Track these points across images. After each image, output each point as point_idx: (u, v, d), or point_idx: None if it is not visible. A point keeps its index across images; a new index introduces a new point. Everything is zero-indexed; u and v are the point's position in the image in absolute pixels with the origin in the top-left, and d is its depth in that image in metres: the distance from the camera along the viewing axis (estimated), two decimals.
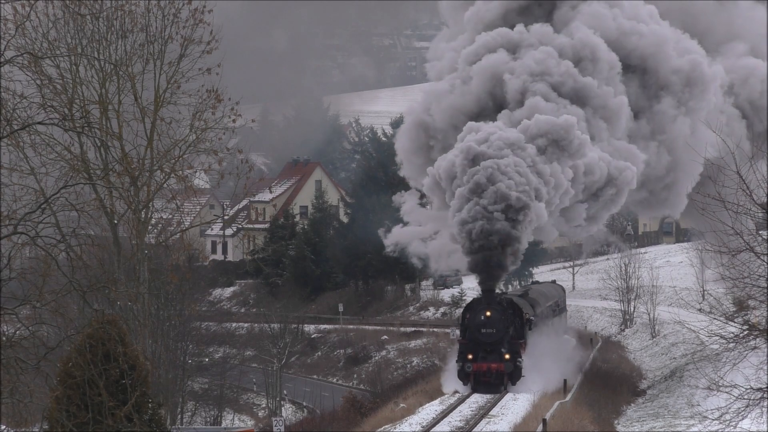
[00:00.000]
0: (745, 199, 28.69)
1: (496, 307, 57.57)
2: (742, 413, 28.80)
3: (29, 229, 23.95)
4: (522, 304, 61.11)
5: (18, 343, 24.09)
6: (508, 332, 57.48)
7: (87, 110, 36.37)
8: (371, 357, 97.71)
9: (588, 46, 65.87)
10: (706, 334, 30.94)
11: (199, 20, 38.96)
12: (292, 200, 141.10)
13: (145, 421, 25.81)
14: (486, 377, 56.76)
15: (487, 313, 57.25)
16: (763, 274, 29.09)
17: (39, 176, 35.09)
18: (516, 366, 57.05)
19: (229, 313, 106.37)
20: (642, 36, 68.06)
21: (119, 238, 38.94)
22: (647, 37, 68.08)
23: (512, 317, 58.20)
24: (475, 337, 57.26)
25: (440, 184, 61.37)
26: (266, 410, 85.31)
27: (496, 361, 56.75)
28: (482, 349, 57.05)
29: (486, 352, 56.99)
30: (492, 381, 56.61)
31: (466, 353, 57.15)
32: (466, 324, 57.95)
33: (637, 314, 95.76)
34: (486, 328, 57.13)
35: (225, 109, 38.63)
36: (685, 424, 53.47)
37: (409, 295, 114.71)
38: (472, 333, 57.45)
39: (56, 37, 38.57)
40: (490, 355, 56.92)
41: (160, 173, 39.01)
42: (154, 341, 44.71)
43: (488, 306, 57.56)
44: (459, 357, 57.61)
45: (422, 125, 67.77)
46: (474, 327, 57.38)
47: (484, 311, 57.42)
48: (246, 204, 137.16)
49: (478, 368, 56.79)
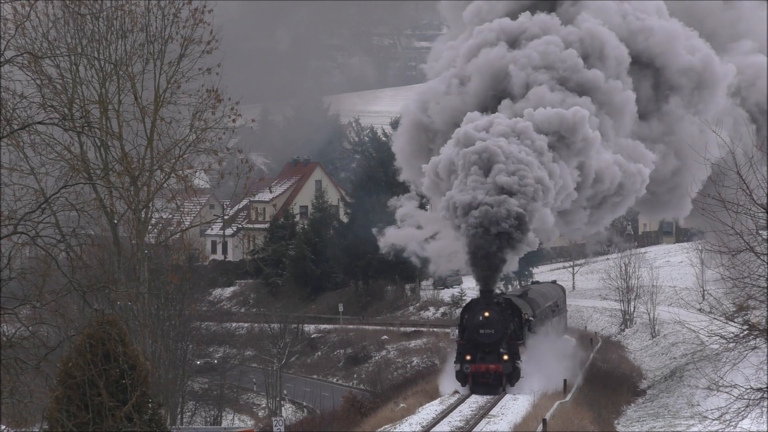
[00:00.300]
0: (745, 199, 28.68)
1: (494, 308, 56.80)
2: (742, 413, 28.81)
3: (29, 229, 23.94)
4: (521, 304, 60.50)
5: (18, 343, 24.08)
6: (506, 333, 56.81)
7: (87, 110, 36.40)
8: (371, 357, 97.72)
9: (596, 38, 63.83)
10: (706, 334, 30.95)
11: (199, 20, 38.97)
12: (292, 200, 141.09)
13: (145, 421, 25.80)
14: (484, 378, 56.08)
15: (485, 314, 56.46)
16: (763, 274, 29.09)
17: (39, 176, 35.12)
18: (515, 367, 56.42)
19: (229, 313, 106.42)
20: (652, 32, 66.27)
21: (119, 238, 38.94)
22: (657, 33, 66.26)
23: (511, 318, 57.54)
24: (474, 338, 56.58)
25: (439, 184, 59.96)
26: (266, 410, 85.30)
27: (495, 362, 56.05)
28: (481, 349, 56.36)
29: (484, 353, 56.30)
30: (490, 382, 55.96)
31: (464, 354, 56.48)
32: (465, 324, 57.21)
33: (637, 314, 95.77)
34: (484, 328, 56.37)
35: (225, 109, 38.65)
36: (685, 424, 53.46)
37: (409, 295, 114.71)
38: (470, 333, 56.71)
39: (56, 37, 38.59)
40: (489, 356, 56.24)
41: (160, 173, 39.02)
42: (154, 341, 44.68)
43: (487, 306, 56.70)
44: (457, 358, 56.96)
45: (420, 126, 66.23)
46: (472, 327, 56.64)
47: (482, 312, 56.61)
48: (246, 204, 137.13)
49: (477, 369, 56.14)
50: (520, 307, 59.42)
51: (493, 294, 58.61)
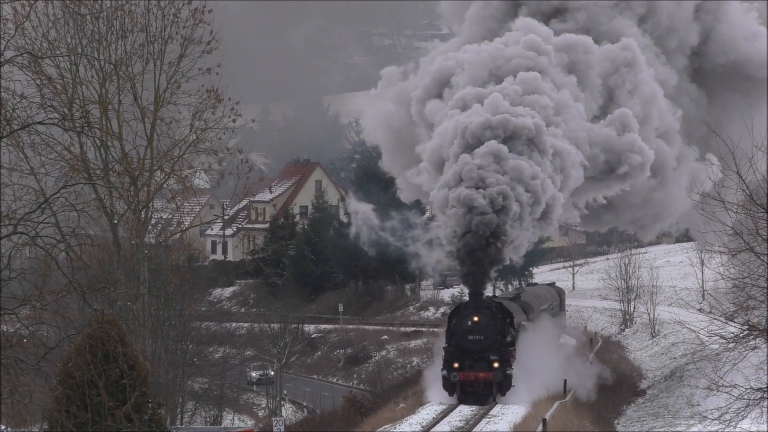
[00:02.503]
0: (745, 199, 28.69)
1: (484, 312, 52.90)
2: (742, 413, 28.83)
3: (29, 229, 23.94)
4: (513, 308, 57.22)
5: (18, 343, 24.08)
6: (497, 339, 53.00)
7: (87, 110, 36.40)
8: (371, 357, 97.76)
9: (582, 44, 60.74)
10: (706, 334, 30.96)
11: (199, 20, 38.99)
12: (292, 200, 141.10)
13: (145, 421, 25.81)
14: (473, 387, 52.53)
15: (474, 318, 52.62)
16: (763, 274, 29.10)
17: (39, 176, 35.15)
18: (506, 375, 52.81)
19: (229, 313, 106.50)
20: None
21: (119, 238, 38.97)
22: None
23: (502, 323, 53.84)
24: (462, 344, 52.79)
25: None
26: (266, 410, 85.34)
27: (484, 370, 52.37)
28: (469, 356, 52.62)
29: (473, 360, 52.56)
30: (480, 391, 52.50)
31: (451, 361, 52.68)
32: (453, 329, 53.31)
33: (637, 314, 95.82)
34: (473, 334, 52.54)
35: (225, 109, 38.69)
36: (685, 424, 53.46)
37: (409, 295, 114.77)
38: (458, 339, 52.92)
39: (56, 37, 38.62)
40: (478, 363, 52.47)
41: (160, 173, 39.05)
42: (154, 341, 44.67)
43: (476, 310, 52.82)
44: (444, 365, 53.09)
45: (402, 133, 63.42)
46: (460, 333, 52.81)
47: (471, 316, 52.76)
48: (246, 204, 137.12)
49: (465, 377, 52.51)
50: (512, 311, 56.03)
51: (483, 297, 54.94)
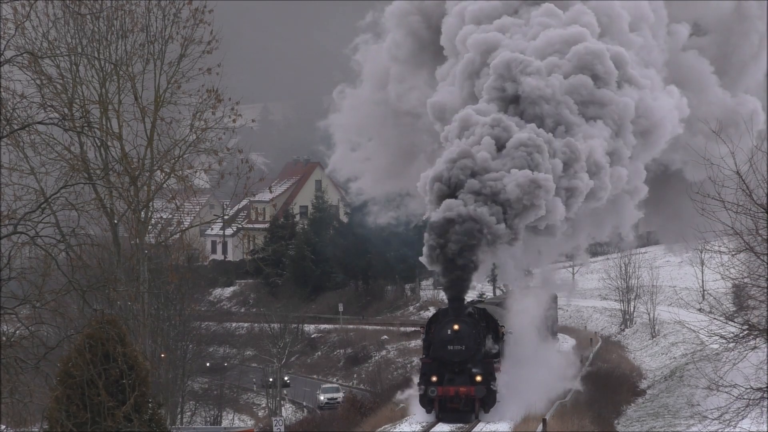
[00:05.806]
0: (745, 199, 28.68)
1: (465, 320, 47.29)
2: (742, 413, 28.81)
3: (29, 228, 23.93)
4: (498, 314, 51.47)
5: (18, 343, 24.07)
6: (480, 349, 47.57)
7: (87, 110, 36.42)
8: (371, 357, 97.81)
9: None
10: (706, 334, 30.94)
11: (200, 20, 38.98)
12: (292, 200, 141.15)
13: (145, 421, 25.82)
14: (453, 403, 47.06)
15: (454, 327, 47.10)
16: (763, 274, 29.08)
17: (39, 176, 35.17)
18: (489, 390, 47.32)
19: (229, 313, 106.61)
20: None
21: (119, 238, 38.96)
22: None
23: (485, 331, 48.21)
24: (441, 355, 47.36)
25: None
26: (266, 410, 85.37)
27: (466, 384, 47.00)
28: (449, 369, 47.28)
29: (453, 374, 47.25)
30: (460, 408, 47.04)
31: (429, 375, 47.27)
32: (430, 339, 47.79)
33: (637, 314, 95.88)
34: (453, 344, 47.08)
35: (225, 109, 38.66)
36: (685, 424, 53.45)
37: (409, 295, 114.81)
38: (436, 350, 47.46)
39: (56, 36, 38.59)
40: (459, 376, 47.15)
41: (160, 173, 39.03)
42: (154, 341, 44.67)
43: (456, 318, 47.27)
44: (421, 379, 47.70)
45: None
46: (439, 343, 47.33)
47: (451, 324, 47.20)
48: (246, 204, 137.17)
49: (444, 393, 47.01)
50: (497, 318, 50.25)
51: (464, 303, 49.10)
